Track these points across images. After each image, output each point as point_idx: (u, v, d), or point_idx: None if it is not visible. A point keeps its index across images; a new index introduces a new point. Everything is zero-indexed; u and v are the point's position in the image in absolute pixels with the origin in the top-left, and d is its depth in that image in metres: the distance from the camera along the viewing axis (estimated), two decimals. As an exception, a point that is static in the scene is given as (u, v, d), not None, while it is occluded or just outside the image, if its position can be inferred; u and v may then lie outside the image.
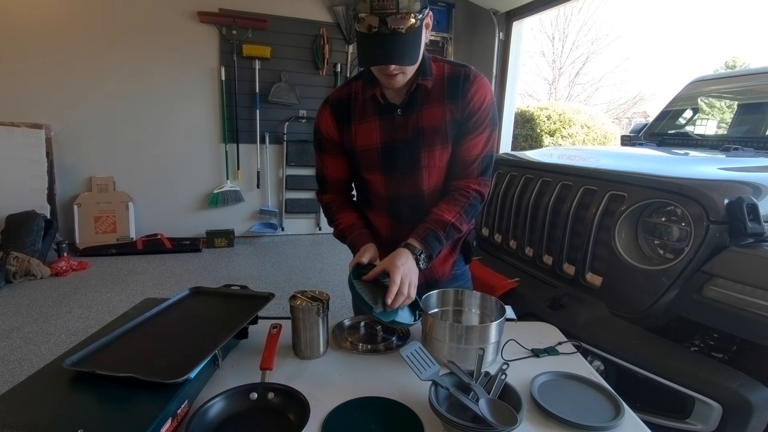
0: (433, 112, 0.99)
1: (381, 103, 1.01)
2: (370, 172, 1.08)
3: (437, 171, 1.04)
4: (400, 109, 1.00)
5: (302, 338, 0.91)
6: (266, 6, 4.04)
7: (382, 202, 1.11)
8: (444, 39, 4.68)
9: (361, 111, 1.03)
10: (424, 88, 0.98)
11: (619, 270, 1.36)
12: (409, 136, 1.01)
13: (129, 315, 0.94)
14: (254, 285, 3.19)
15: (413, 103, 1.00)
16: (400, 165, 1.04)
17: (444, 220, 0.98)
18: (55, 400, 0.65)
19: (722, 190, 1.22)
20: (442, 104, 0.99)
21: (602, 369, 1.24)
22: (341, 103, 1.05)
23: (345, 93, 1.06)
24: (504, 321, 0.91)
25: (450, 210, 1.00)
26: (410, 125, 1.01)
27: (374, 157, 1.05)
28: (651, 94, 13.88)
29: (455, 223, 0.99)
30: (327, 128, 1.07)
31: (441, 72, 1.00)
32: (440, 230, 0.97)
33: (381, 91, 1.00)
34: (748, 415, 1.00)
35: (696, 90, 2.64)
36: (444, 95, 0.99)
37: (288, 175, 4.47)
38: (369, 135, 1.03)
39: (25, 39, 3.55)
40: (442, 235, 0.97)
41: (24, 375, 1.85)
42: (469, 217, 1.02)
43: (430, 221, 0.99)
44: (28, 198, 3.53)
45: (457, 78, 0.99)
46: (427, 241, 0.96)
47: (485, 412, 0.67)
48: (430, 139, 1.01)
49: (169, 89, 3.98)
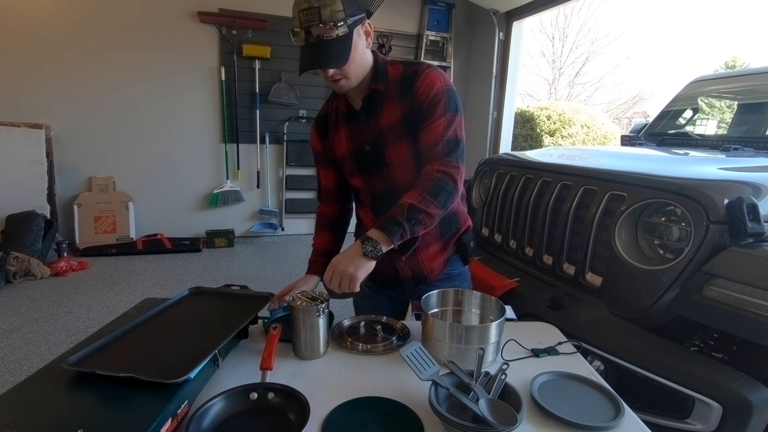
0: (390, 111, 1.05)
1: (344, 111, 1.10)
2: (352, 176, 1.17)
3: (404, 165, 1.08)
4: (363, 114, 1.08)
5: (302, 339, 0.91)
6: (266, 6, 4.03)
7: (367, 199, 1.19)
8: (444, 39, 4.68)
9: (335, 123, 1.14)
10: (379, 92, 1.05)
11: (619, 270, 1.36)
12: (373, 138, 1.08)
13: (129, 315, 0.94)
14: (254, 285, 3.19)
15: (373, 106, 1.06)
16: (370, 165, 1.11)
17: (401, 203, 0.96)
18: (55, 400, 0.65)
19: (722, 190, 1.22)
20: (396, 102, 1.05)
21: (602, 369, 1.24)
22: (321, 119, 1.18)
23: (323, 110, 1.18)
24: (504, 321, 0.91)
25: (411, 194, 0.97)
26: (372, 127, 1.07)
27: (350, 162, 1.13)
28: (651, 94, 13.88)
29: (415, 203, 0.95)
30: (314, 143, 1.21)
31: (396, 74, 1.06)
32: (398, 214, 0.94)
33: (346, 101, 1.10)
34: (748, 415, 1.00)
35: (696, 90, 2.64)
36: (397, 94, 1.05)
37: (288, 175, 4.47)
38: (342, 143, 1.13)
39: (25, 39, 3.55)
40: (401, 218, 0.93)
41: (24, 375, 1.85)
42: (437, 198, 0.97)
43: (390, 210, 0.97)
44: (28, 198, 3.53)
45: (408, 76, 1.04)
46: (384, 227, 0.93)
47: (485, 412, 0.67)
48: (390, 137, 1.06)
49: (169, 89, 3.98)
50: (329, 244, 1.24)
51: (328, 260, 1.02)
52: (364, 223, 1.24)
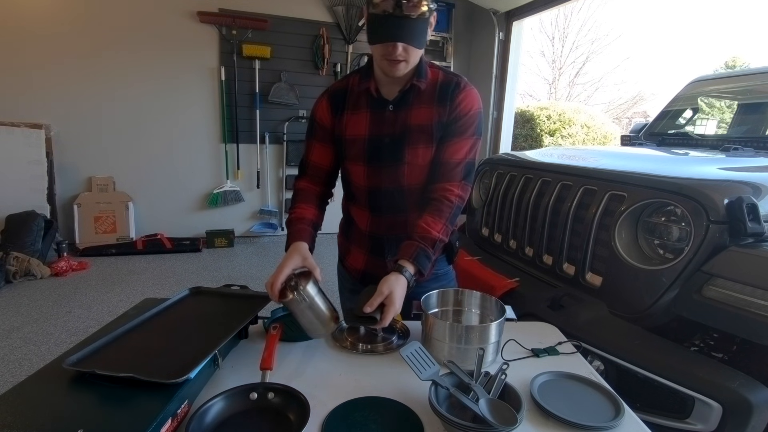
0: (422, 112, 1.04)
1: (374, 96, 1.05)
2: (353, 163, 1.12)
3: (418, 169, 1.08)
4: (392, 105, 1.05)
5: (305, 325, 0.91)
6: (266, 6, 4.04)
7: (363, 195, 1.14)
8: (444, 39, 4.68)
9: (355, 102, 1.09)
10: (417, 89, 1.03)
11: (619, 270, 1.36)
12: (396, 132, 1.05)
13: (129, 315, 0.94)
14: (254, 285, 3.17)
15: (405, 101, 1.04)
16: (384, 158, 1.08)
17: (432, 237, 0.99)
18: (55, 400, 0.65)
19: (722, 190, 1.22)
20: (431, 106, 1.04)
21: (602, 369, 1.24)
22: (338, 94, 1.11)
23: (342, 85, 1.12)
24: (504, 321, 0.91)
25: (436, 223, 1.01)
26: (399, 121, 1.05)
27: (360, 148, 1.09)
28: (651, 94, 13.89)
29: (443, 238, 1.01)
30: (322, 114, 1.12)
31: (435, 78, 1.06)
32: (429, 247, 0.99)
33: (376, 85, 1.05)
34: (748, 415, 1.00)
35: (696, 90, 2.64)
36: (434, 98, 1.04)
37: (288, 175, 4.46)
38: (359, 126, 1.08)
39: (25, 39, 3.55)
40: (431, 252, 0.99)
41: (24, 375, 1.85)
42: (453, 225, 1.05)
43: (418, 238, 0.99)
44: (28, 198, 3.53)
45: (449, 85, 1.05)
46: (418, 260, 0.97)
47: (485, 412, 0.67)
48: (416, 137, 1.05)
49: (169, 89, 3.98)
50: (316, 218, 1.12)
51: (314, 232, 1.06)
52: (357, 224, 1.19)
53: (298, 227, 1.06)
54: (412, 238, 1.00)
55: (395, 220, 1.13)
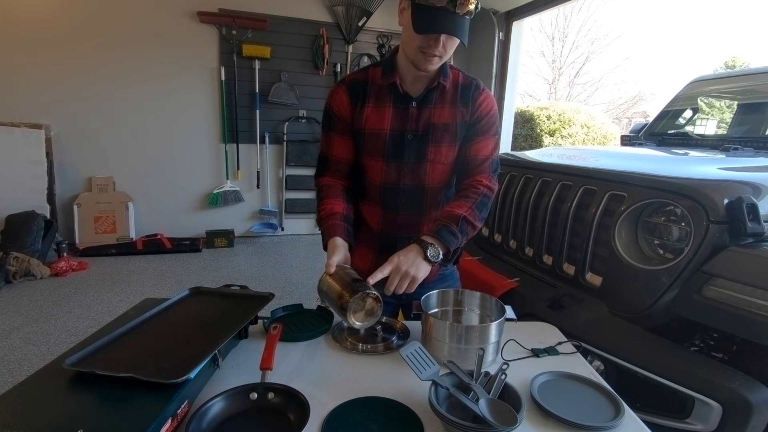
0: (445, 111, 1.06)
1: (399, 92, 1.04)
2: (371, 158, 1.09)
3: (441, 167, 1.08)
4: (416, 102, 1.05)
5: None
6: (266, 6, 4.03)
7: (377, 192, 1.12)
8: (444, 39, 4.67)
9: (377, 95, 1.06)
10: (441, 88, 1.05)
11: (619, 270, 1.36)
12: (420, 129, 1.06)
13: (129, 315, 0.94)
14: (254, 285, 3.18)
15: (429, 99, 1.05)
16: (407, 155, 1.07)
17: (456, 214, 0.98)
18: (55, 400, 0.65)
19: (722, 190, 1.22)
20: (454, 106, 1.06)
21: (602, 369, 1.24)
22: (357, 84, 1.07)
23: (362, 76, 1.09)
24: (504, 321, 0.91)
25: (461, 205, 1.00)
26: (422, 119, 1.06)
27: (381, 143, 1.07)
28: (651, 94, 13.91)
29: (467, 216, 0.98)
30: (340, 106, 1.08)
31: (456, 79, 1.08)
32: (453, 224, 0.97)
33: (400, 80, 1.04)
34: (748, 415, 1.00)
35: (696, 90, 2.64)
36: (457, 98, 1.06)
37: (288, 175, 4.47)
38: (381, 120, 1.06)
39: (25, 39, 3.54)
40: (455, 228, 0.96)
41: (24, 375, 1.85)
42: (481, 212, 1.02)
43: (442, 217, 0.99)
44: (28, 198, 3.52)
45: (470, 86, 1.08)
46: (441, 234, 0.95)
47: (485, 412, 0.67)
48: (439, 136, 1.06)
49: (168, 89, 3.98)
50: (347, 211, 1.08)
51: (348, 225, 1.04)
52: (367, 222, 1.17)
53: (330, 223, 1.03)
54: (436, 219, 1.01)
55: (410, 219, 1.12)
